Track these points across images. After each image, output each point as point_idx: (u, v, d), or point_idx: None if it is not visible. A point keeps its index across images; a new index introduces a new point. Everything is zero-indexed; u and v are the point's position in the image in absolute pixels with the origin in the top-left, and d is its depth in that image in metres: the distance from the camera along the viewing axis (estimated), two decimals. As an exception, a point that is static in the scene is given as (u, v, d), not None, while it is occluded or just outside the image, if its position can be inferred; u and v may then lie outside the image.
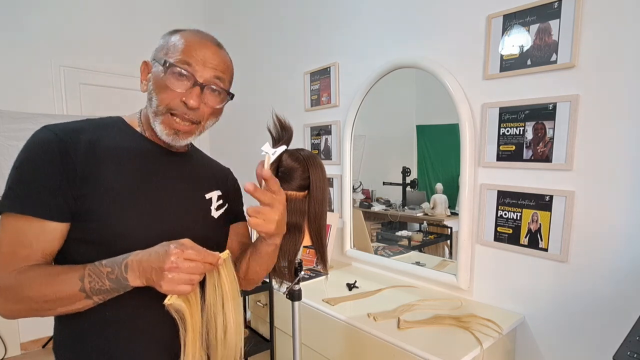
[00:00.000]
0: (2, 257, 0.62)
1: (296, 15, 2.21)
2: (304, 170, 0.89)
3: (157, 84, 0.72)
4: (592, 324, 1.21)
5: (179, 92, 0.70)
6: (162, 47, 0.73)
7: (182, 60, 0.70)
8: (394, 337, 1.19)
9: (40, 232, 0.63)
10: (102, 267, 0.62)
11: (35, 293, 0.60)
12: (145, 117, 0.76)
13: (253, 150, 2.70)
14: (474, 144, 1.43)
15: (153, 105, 0.72)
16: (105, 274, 0.61)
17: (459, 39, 1.45)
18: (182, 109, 0.71)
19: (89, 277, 0.61)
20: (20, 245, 0.63)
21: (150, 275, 0.60)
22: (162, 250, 0.60)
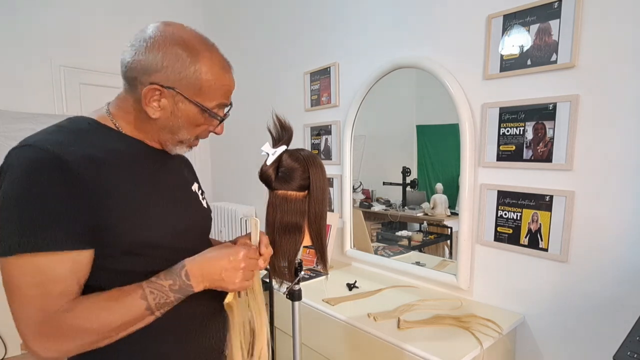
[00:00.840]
0: (34, 301, 0.56)
1: (296, 15, 2.21)
2: (304, 170, 0.89)
3: (190, 121, 0.72)
4: (592, 324, 1.21)
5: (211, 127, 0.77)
6: (187, 79, 0.67)
7: (221, 105, 0.74)
8: (394, 337, 1.19)
9: (71, 263, 0.58)
10: (160, 281, 0.64)
11: (97, 325, 0.58)
12: (144, 130, 0.72)
13: (253, 150, 2.70)
14: (474, 144, 1.43)
15: (179, 136, 0.73)
16: (168, 287, 0.64)
17: (459, 39, 1.45)
18: (207, 135, 0.78)
19: (152, 294, 0.62)
20: (51, 283, 0.56)
21: (219, 277, 0.68)
22: (230, 252, 0.70)
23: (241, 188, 2.90)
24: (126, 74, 0.69)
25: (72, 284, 0.58)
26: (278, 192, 0.91)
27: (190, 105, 0.70)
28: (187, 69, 0.67)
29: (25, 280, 0.55)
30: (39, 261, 0.55)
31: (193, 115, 0.71)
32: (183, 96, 0.69)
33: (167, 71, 0.67)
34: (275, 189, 0.91)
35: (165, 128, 0.71)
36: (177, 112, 0.70)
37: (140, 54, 0.66)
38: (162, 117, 0.70)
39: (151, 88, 0.66)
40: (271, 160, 0.87)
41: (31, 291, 0.55)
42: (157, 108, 0.69)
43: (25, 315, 0.55)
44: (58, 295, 0.57)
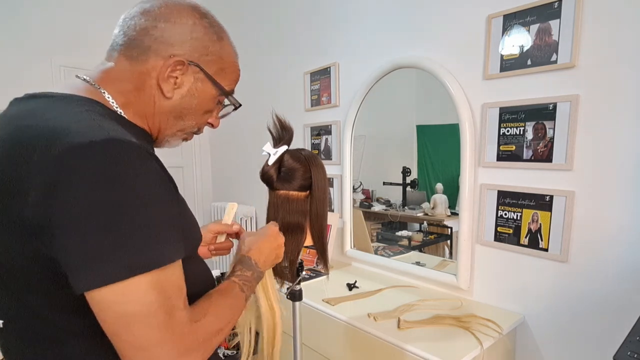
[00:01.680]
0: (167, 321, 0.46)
1: (296, 15, 2.21)
2: (305, 170, 0.89)
3: (204, 105, 0.63)
4: (592, 323, 1.21)
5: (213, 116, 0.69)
6: (212, 56, 0.61)
7: (232, 90, 0.68)
8: (394, 337, 1.19)
9: (181, 270, 0.51)
10: (244, 272, 0.67)
11: (224, 324, 0.57)
12: (146, 114, 0.61)
13: (253, 150, 2.70)
14: (474, 144, 1.43)
15: (184, 123, 0.64)
16: (252, 277, 0.68)
17: (459, 39, 1.45)
18: (204, 128, 0.71)
19: (245, 285, 0.65)
20: (176, 297, 0.48)
21: (273, 257, 0.76)
22: (272, 233, 0.78)
23: (241, 188, 2.89)
24: (136, 41, 0.57)
25: (185, 292, 0.51)
26: (279, 192, 0.91)
27: (209, 85, 0.62)
28: (214, 44, 0.61)
29: (157, 300, 0.45)
30: (161, 276, 0.46)
31: (209, 98, 0.64)
32: (205, 74, 0.61)
33: (194, 43, 0.59)
34: (276, 189, 0.91)
35: (174, 111, 0.62)
36: (194, 91, 0.61)
37: (164, 21, 0.57)
38: (176, 96, 0.60)
39: (176, 60, 0.57)
40: (273, 160, 0.87)
41: (163, 309, 0.46)
42: (173, 85, 0.59)
43: (162, 341, 0.45)
44: (184, 307, 0.49)
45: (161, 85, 0.58)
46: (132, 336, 0.44)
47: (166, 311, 0.46)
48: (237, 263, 0.69)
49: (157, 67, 0.57)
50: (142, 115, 0.60)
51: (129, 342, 0.44)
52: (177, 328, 0.47)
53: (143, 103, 0.59)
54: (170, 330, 0.46)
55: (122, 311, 0.43)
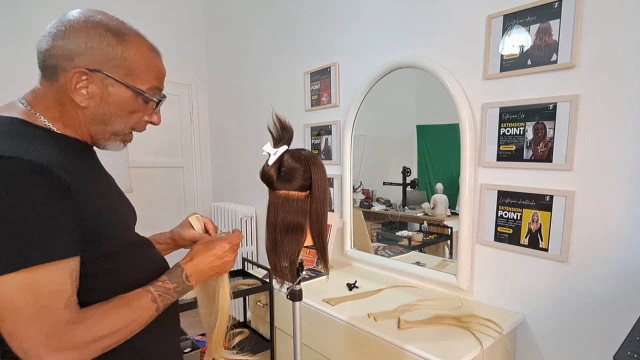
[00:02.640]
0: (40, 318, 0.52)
1: (296, 15, 2.21)
2: (305, 170, 0.89)
3: (123, 107, 0.66)
4: (592, 324, 1.21)
5: (147, 116, 0.72)
6: (115, 60, 0.63)
7: (156, 88, 0.69)
8: (394, 337, 1.19)
9: (70, 271, 0.57)
10: (165, 284, 0.68)
11: (114, 330, 0.59)
12: (73, 124, 0.66)
13: (253, 150, 2.70)
14: (474, 144, 1.43)
15: (113, 127, 0.67)
16: (173, 289, 0.69)
17: (460, 39, 1.45)
18: (143, 127, 0.73)
19: (160, 297, 0.66)
20: (54, 296, 0.54)
21: (212, 273, 0.76)
22: (224, 247, 0.77)
23: (241, 188, 2.89)
24: (44, 63, 0.63)
25: (72, 293, 0.57)
26: (280, 192, 0.91)
27: (121, 88, 0.65)
28: (114, 49, 0.63)
29: (24, 298, 0.51)
30: (36, 275, 0.52)
31: (126, 99, 0.66)
32: (113, 78, 0.64)
33: (92, 52, 0.62)
34: (276, 189, 0.91)
35: (96, 118, 0.66)
36: (107, 97, 0.65)
37: (60, 39, 0.61)
38: (92, 105, 0.64)
39: (77, 71, 0.61)
40: (273, 160, 0.87)
41: (33, 309, 0.52)
42: (85, 95, 0.63)
43: (33, 335, 0.52)
44: (63, 307, 0.55)
45: (73, 97, 0.63)
46: (9, 327, 0.52)
47: (37, 310, 0.52)
48: (167, 272, 0.72)
49: (67, 82, 0.62)
50: (71, 126, 0.66)
51: (10, 332, 0.52)
52: (50, 328, 0.53)
53: (68, 116, 0.65)
54: (42, 328, 0.52)
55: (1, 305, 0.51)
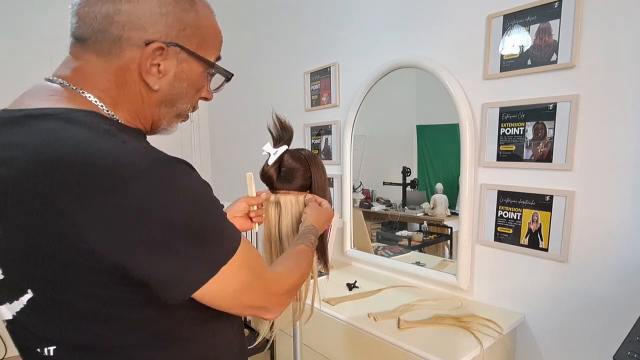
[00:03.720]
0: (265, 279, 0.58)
1: (296, 15, 2.21)
2: (305, 170, 0.89)
3: (194, 85, 0.57)
4: (592, 324, 1.21)
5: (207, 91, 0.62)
6: (190, 29, 0.52)
7: (219, 57, 0.60)
8: (394, 337, 1.19)
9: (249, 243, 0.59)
10: (310, 238, 0.78)
11: (305, 277, 0.69)
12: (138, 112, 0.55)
13: (253, 150, 2.70)
14: (474, 144, 1.43)
15: (178, 108, 0.58)
16: (313, 242, 0.78)
17: (459, 39, 1.45)
18: (197, 104, 0.63)
19: (312, 247, 0.76)
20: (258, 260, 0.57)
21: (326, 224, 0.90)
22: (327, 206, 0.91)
23: (241, 188, 2.89)
24: (103, 33, 0.49)
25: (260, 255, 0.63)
26: (280, 192, 0.91)
27: (195, 63, 0.55)
28: (187, 14, 0.52)
29: (248, 274, 0.53)
30: (243, 251, 0.52)
31: (198, 76, 0.56)
32: (188, 52, 0.53)
33: (168, 21, 0.50)
34: (277, 189, 0.91)
35: (165, 100, 0.55)
36: (181, 74, 0.54)
37: (124, 1, 0.48)
38: (164, 86, 0.53)
39: (155, 47, 0.49)
40: (273, 160, 0.87)
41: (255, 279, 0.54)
42: (158, 75, 0.52)
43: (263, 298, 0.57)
44: (266, 266, 0.59)
45: (145, 79, 0.51)
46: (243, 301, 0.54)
47: (258, 277, 0.55)
48: (306, 231, 0.81)
49: (135, 59, 0.50)
50: (132, 113, 0.54)
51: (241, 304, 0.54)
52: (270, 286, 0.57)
53: (130, 100, 0.53)
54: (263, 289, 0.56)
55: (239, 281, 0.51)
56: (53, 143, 0.42)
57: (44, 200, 0.41)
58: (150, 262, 0.43)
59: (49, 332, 0.49)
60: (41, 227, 0.42)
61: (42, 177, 0.41)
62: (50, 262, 0.44)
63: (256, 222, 0.93)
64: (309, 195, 0.93)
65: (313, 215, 0.86)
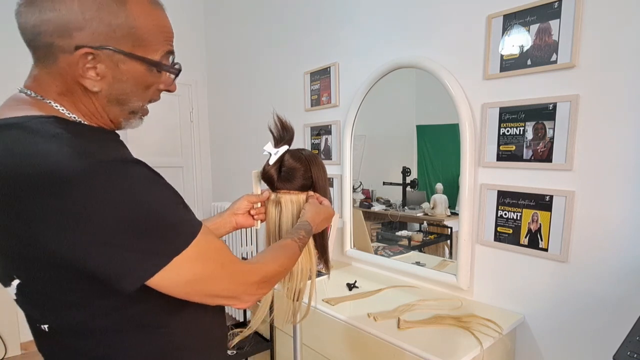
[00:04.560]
0: (235, 269, 0.60)
1: (296, 15, 2.21)
2: (306, 170, 0.89)
3: (140, 83, 0.58)
4: (592, 324, 1.21)
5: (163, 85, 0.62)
6: (120, 30, 0.53)
7: (168, 52, 0.59)
8: (394, 337, 1.19)
9: (213, 235, 0.61)
10: (300, 233, 0.79)
11: (283, 269, 0.70)
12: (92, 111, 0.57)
13: (253, 150, 2.70)
14: (474, 144, 1.43)
15: (132, 106, 0.59)
16: (303, 237, 0.79)
17: (459, 39, 1.45)
18: (158, 96, 0.64)
19: (300, 242, 0.77)
20: (222, 251, 0.59)
21: (323, 224, 0.93)
22: (328, 205, 0.94)
23: (241, 188, 2.89)
24: (34, 42, 0.52)
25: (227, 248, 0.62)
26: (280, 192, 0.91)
27: (134, 63, 0.55)
28: (116, 16, 0.52)
29: (206, 264, 0.55)
30: (200, 244, 0.54)
31: (141, 74, 0.57)
32: (123, 53, 0.53)
33: (92, 25, 0.51)
34: (277, 189, 0.91)
35: (112, 100, 0.57)
36: (120, 75, 0.55)
37: (48, 10, 0.49)
38: (105, 87, 0.55)
39: (82, 53, 0.51)
40: (274, 160, 0.87)
41: (217, 268, 0.57)
42: (95, 78, 0.53)
43: (230, 286, 0.59)
44: (233, 257, 0.60)
45: (82, 82, 0.53)
46: (207, 290, 0.57)
47: (221, 266, 0.57)
48: (300, 226, 0.82)
49: (70, 65, 0.52)
50: (89, 113, 0.57)
51: (218, 286, 0.58)
52: (237, 272, 0.60)
53: (82, 102, 0.56)
54: (230, 278, 0.59)
55: (201, 270, 0.55)
56: (3, 155, 0.47)
57: (2, 207, 0.47)
58: (96, 258, 0.47)
59: (37, 314, 0.56)
60: (8, 230, 0.49)
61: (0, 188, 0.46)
62: (21, 260, 0.51)
63: (258, 219, 0.95)
64: (312, 193, 0.93)
65: (311, 212, 0.87)
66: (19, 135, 0.48)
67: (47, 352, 0.61)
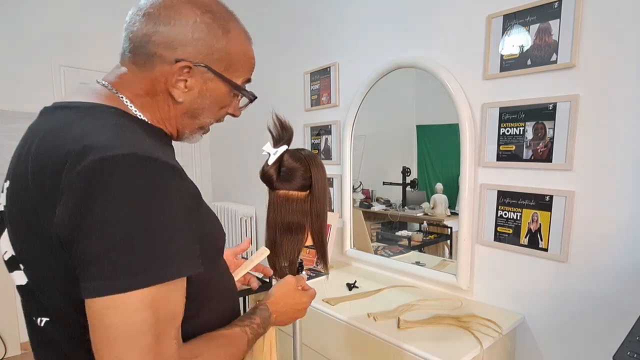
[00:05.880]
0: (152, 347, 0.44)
1: (296, 15, 2.21)
2: (305, 170, 0.89)
3: (218, 102, 0.63)
4: (592, 324, 1.21)
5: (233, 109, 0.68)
6: (219, 53, 0.59)
7: (247, 80, 0.67)
8: (394, 337, 1.19)
9: (183, 290, 0.49)
10: (254, 320, 0.65)
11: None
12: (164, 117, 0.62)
13: (253, 150, 2.70)
14: (474, 144, 1.43)
15: (200, 120, 0.64)
16: (256, 327, 0.65)
17: (459, 39, 1.45)
18: (223, 119, 0.70)
19: (252, 334, 0.63)
20: (169, 319, 0.47)
21: (288, 319, 0.76)
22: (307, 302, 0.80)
23: (241, 188, 2.89)
24: (140, 49, 0.57)
25: (180, 316, 0.49)
26: (279, 192, 0.91)
27: (220, 83, 0.61)
28: (219, 41, 0.59)
29: (145, 321, 0.43)
30: (160, 294, 0.45)
31: (222, 95, 0.63)
32: (214, 73, 0.60)
33: (197, 44, 0.57)
34: (276, 189, 0.91)
35: (188, 112, 0.62)
36: (205, 92, 0.61)
37: (163, 25, 0.55)
38: (188, 99, 0.60)
39: (181, 66, 0.56)
40: (273, 160, 0.87)
41: (150, 334, 0.44)
42: (183, 89, 0.59)
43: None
44: (174, 337, 0.47)
45: (171, 91, 0.58)
46: (112, 351, 0.43)
47: (154, 335, 0.44)
48: (256, 312, 0.68)
49: (165, 73, 0.57)
50: (159, 119, 0.61)
51: (107, 354, 0.43)
52: (162, 357, 0.45)
53: (158, 107, 0.60)
54: (153, 356, 0.44)
55: (111, 324, 0.43)
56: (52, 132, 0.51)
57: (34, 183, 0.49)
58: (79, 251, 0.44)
59: (36, 306, 0.56)
60: (36, 208, 0.49)
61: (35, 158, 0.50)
62: (32, 241, 0.51)
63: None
64: (302, 275, 0.86)
65: (278, 295, 0.75)
66: (74, 115, 0.53)
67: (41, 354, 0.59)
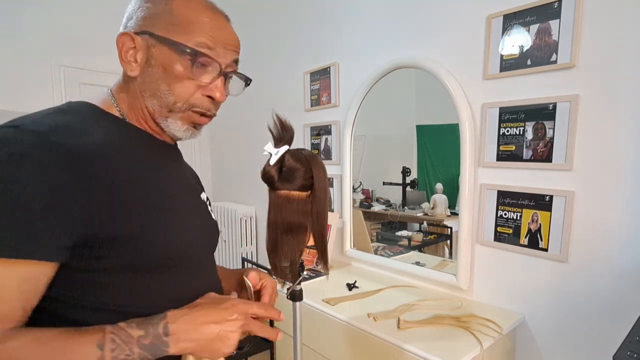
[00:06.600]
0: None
1: (296, 15, 2.21)
2: (306, 170, 0.89)
3: (170, 72, 0.56)
4: (592, 324, 1.21)
5: (201, 84, 0.58)
6: (157, 16, 0.56)
7: (204, 44, 0.57)
8: (394, 337, 1.19)
9: (26, 278, 0.45)
10: (130, 329, 0.47)
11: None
12: (135, 106, 0.60)
13: (253, 150, 2.70)
14: (474, 144, 1.43)
15: (165, 100, 0.58)
16: (136, 339, 0.47)
17: (459, 39, 1.45)
18: (206, 104, 0.61)
19: (112, 342, 0.46)
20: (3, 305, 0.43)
21: (202, 341, 0.50)
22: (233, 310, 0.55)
23: (241, 188, 2.89)
24: None
25: (16, 307, 0.45)
26: (280, 192, 0.91)
27: (165, 47, 0.55)
28: (157, 5, 0.57)
29: None
30: None
31: (170, 59, 0.56)
32: (155, 37, 0.55)
33: (138, 14, 0.57)
34: (277, 189, 0.91)
35: (145, 89, 0.58)
36: (151, 59, 0.56)
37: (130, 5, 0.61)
38: (139, 71, 0.58)
39: (122, 39, 0.56)
40: (274, 160, 0.87)
41: None
42: (133, 62, 0.57)
43: None
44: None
45: (123, 66, 0.58)
46: None
47: None
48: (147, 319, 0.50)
49: (120, 54, 0.58)
50: (131, 107, 0.60)
51: None
52: None
53: (126, 92, 0.60)
54: None
55: None
56: None
57: None
58: None
59: None
60: None
61: None
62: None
63: None
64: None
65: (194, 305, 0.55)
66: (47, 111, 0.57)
67: None
